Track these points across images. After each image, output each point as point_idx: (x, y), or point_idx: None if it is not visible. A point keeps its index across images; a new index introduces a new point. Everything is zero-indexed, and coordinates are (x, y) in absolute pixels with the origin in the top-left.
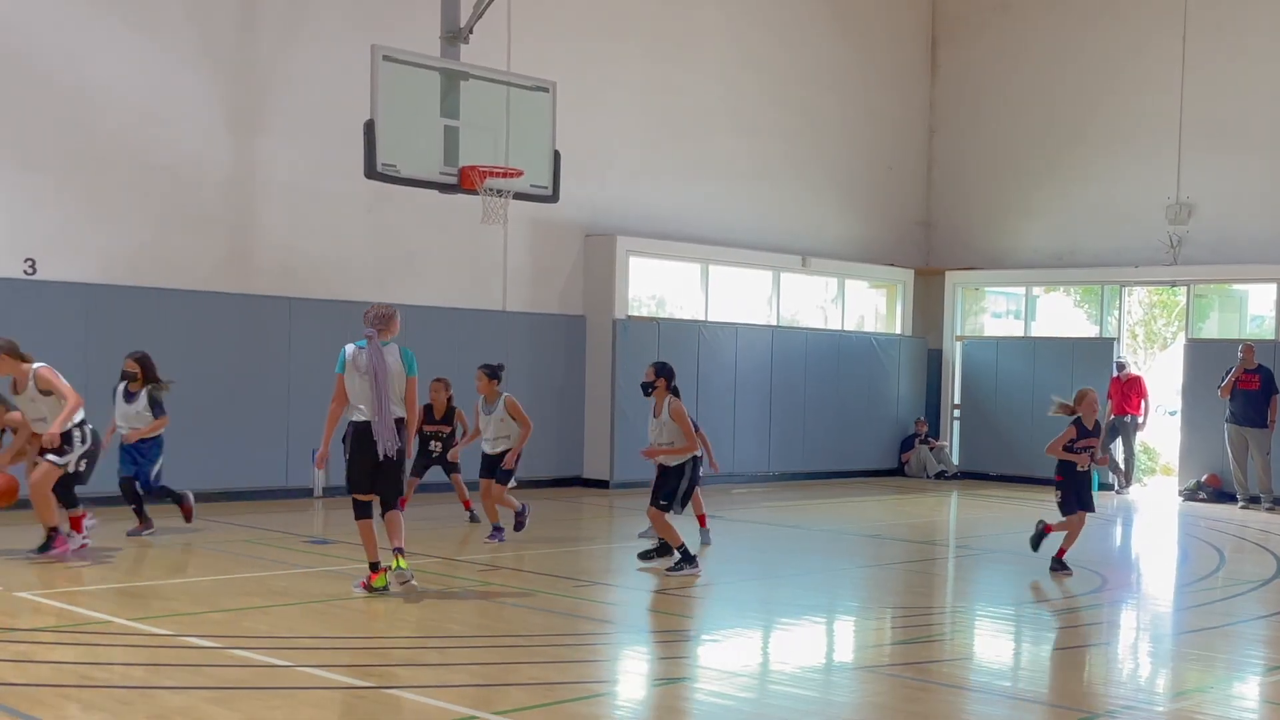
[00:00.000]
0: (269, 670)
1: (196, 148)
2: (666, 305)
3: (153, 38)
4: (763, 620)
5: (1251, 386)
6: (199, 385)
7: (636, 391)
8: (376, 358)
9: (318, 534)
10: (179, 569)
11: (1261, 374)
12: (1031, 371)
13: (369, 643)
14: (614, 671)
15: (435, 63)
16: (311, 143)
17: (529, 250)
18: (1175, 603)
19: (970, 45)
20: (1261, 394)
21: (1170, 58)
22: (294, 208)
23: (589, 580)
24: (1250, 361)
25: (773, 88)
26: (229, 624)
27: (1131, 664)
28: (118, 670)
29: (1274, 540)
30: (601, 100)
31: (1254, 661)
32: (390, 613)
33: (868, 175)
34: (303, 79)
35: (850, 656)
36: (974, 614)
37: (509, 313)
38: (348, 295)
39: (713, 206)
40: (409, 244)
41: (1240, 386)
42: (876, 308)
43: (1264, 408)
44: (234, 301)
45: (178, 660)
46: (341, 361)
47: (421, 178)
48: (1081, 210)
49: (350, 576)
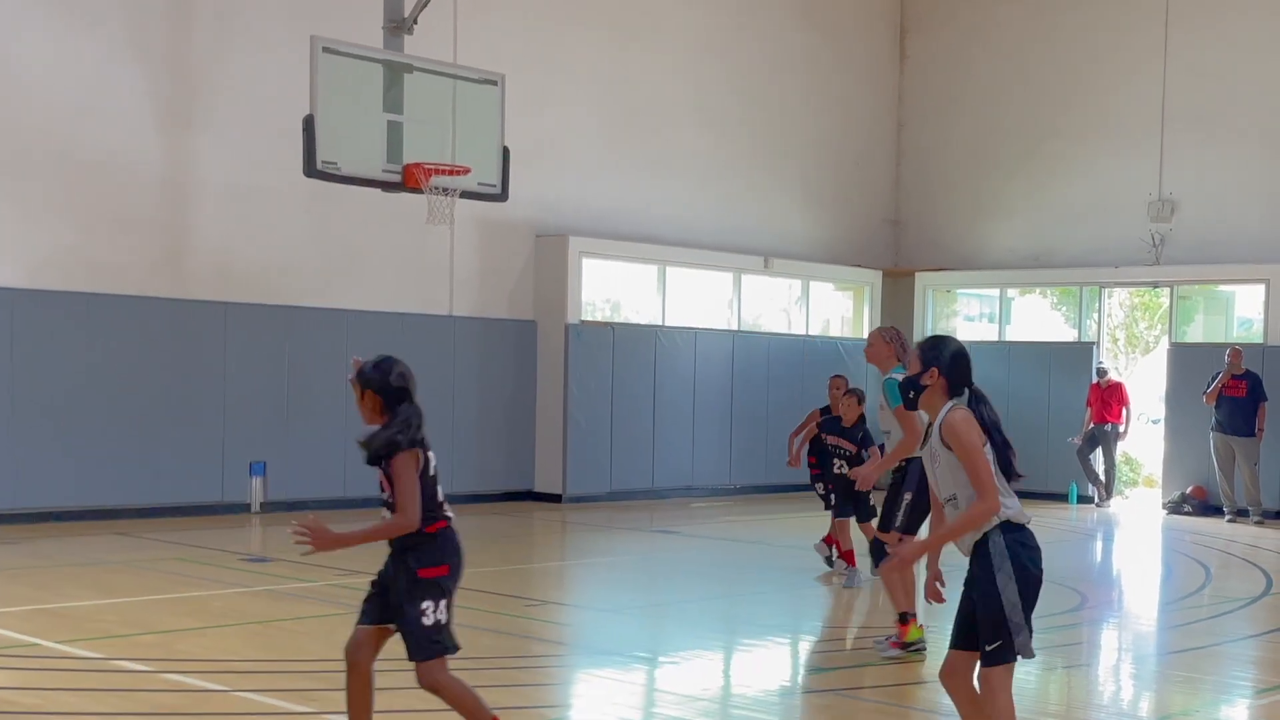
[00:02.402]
0: (205, 695)
1: (127, 144)
2: (622, 309)
3: (80, 28)
4: (723, 641)
5: (1238, 393)
6: (129, 395)
7: (590, 400)
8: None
9: (256, 552)
10: (109, 589)
11: (1249, 380)
12: (1006, 378)
13: (310, 666)
14: (568, 695)
15: (377, 54)
16: (248, 139)
17: (476, 252)
18: (1159, 621)
19: (941, 33)
20: (1249, 401)
21: (1152, 45)
22: (230, 208)
23: (541, 600)
24: (1238, 366)
25: (734, 78)
26: (163, 647)
27: (1113, 686)
28: (46, 696)
29: (1263, 556)
30: (553, 93)
31: (1242, 683)
32: (330, 635)
33: (833, 171)
34: (239, 72)
35: (816, 679)
36: (946, 634)
37: (456, 317)
38: (286, 300)
39: (670, 205)
40: (350, 246)
41: (1226, 393)
42: (843, 311)
43: (1251, 415)
44: (166, 307)
45: (109, 685)
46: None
47: (363, 176)
48: (1059, 207)
49: (291, 596)
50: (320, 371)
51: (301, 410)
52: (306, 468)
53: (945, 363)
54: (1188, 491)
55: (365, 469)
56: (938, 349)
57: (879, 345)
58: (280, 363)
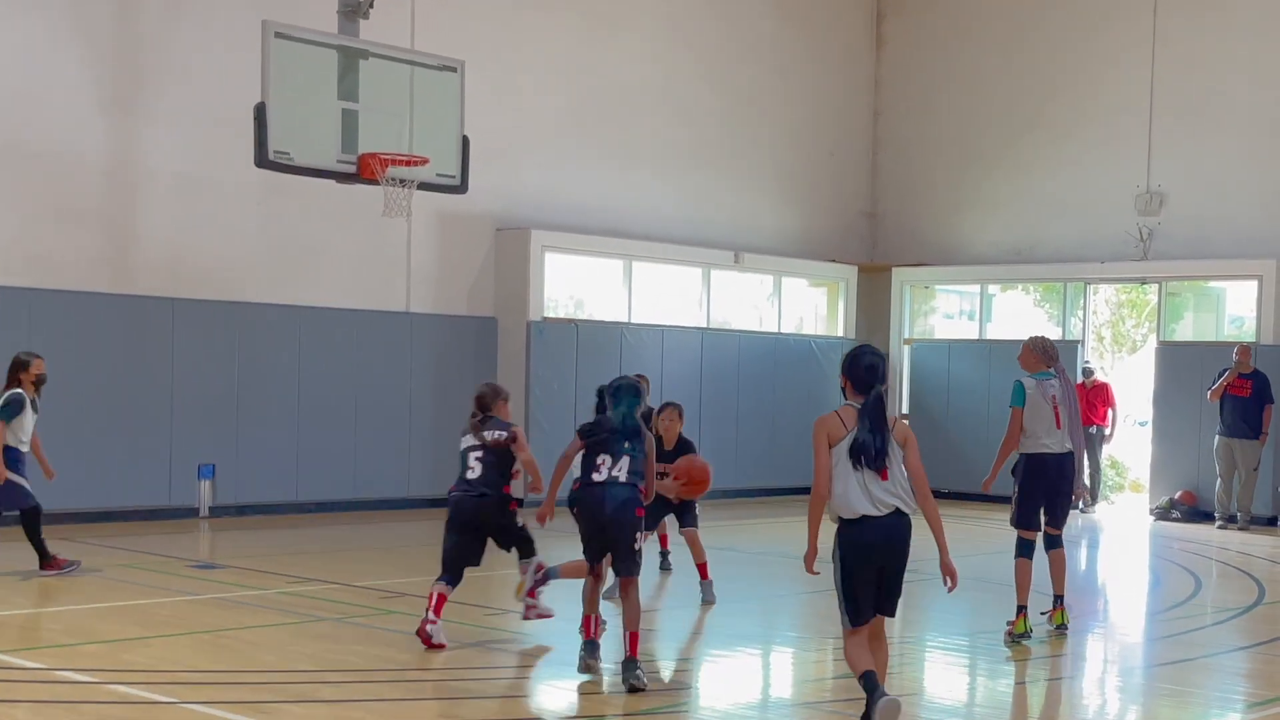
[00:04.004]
0: (151, 707)
1: (70, 134)
2: (586, 306)
3: (20, 9)
4: (691, 651)
5: (1243, 393)
6: (73, 395)
7: (552, 401)
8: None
9: (204, 558)
10: (52, 597)
11: (1256, 380)
12: (987, 378)
13: (260, 677)
14: (528, 708)
15: (332, 40)
16: (197, 128)
17: (435, 246)
18: (1146, 633)
19: (919, 16)
20: (1253, 401)
21: (1140, 31)
22: (178, 200)
23: (500, 608)
24: (1246, 365)
25: (703, 65)
26: (108, 657)
27: (1098, 700)
28: None
29: (1256, 564)
30: (515, 81)
31: (1233, 697)
32: (283, 645)
33: (807, 162)
34: (187, 57)
35: (789, 691)
36: (924, 645)
37: (413, 314)
38: (237, 296)
39: (637, 197)
40: (303, 240)
41: (1231, 391)
42: (816, 308)
43: (1254, 417)
44: (112, 303)
45: (52, 697)
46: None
47: (317, 166)
48: (1043, 200)
49: (241, 604)
50: (272, 371)
51: (252, 411)
52: (257, 471)
53: (844, 366)
54: (1176, 497)
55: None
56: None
57: (1025, 354)
58: (230, 362)
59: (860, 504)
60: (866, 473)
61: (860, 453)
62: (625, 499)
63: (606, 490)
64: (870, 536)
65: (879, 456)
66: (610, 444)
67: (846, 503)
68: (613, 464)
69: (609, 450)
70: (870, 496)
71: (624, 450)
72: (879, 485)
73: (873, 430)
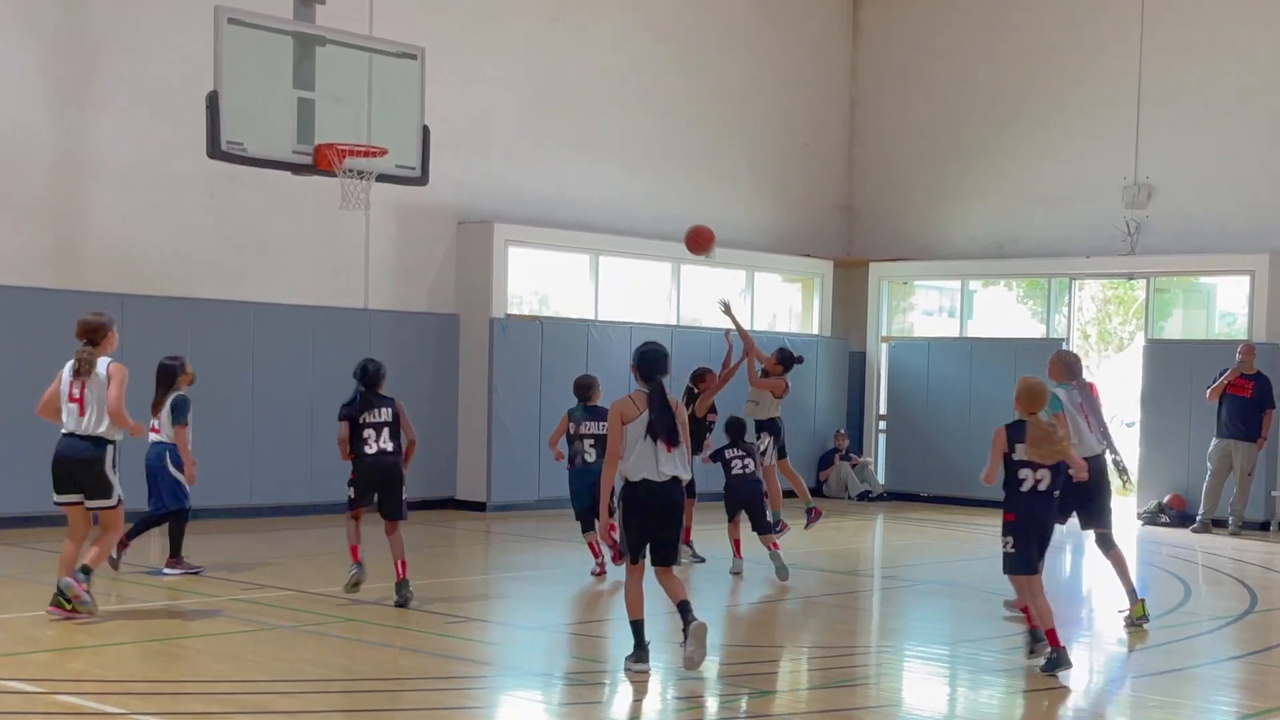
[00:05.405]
0: (100, 718)
1: (15, 122)
2: (551, 302)
3: None
4: (662, 661)
5: (1244, 393)
6: (18, 393)
7: (517, 401)
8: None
9: (155, 564)
10: None
11: (1258, 381)
12: (968, 377)
13: (212, 688)
14: (490, 719)
15: (287, 26)
16: (148, 118)
17: (394, 240)
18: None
19: (898, 3)
20: (1253, 403)
21: (1128, 16)
22: (128, 192)
23: (463, 616)
24: (1249, 365)
25: (673, 54)
26: (54, 666)
27: (1084, 711)
28: None
29: (1249, 571)
30: (478, 68)
31: (1223, 709)
32: (237, 654)
33: (781, 153)
34: (137, 44)
35: (764, 703)
36: (902, 654)
37: (371, 311)
38: (189, 292)
39: (604, 190)
40: (258, 233)
41: (1231, 391)
42: (791, 304)
43: (1254, 419)
44: (60, 298)
45: None
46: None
47: (272, 157)
48: (1026, 192)
49: (193, 612)
50: (225, 369)
51: (204, 411)
52: (209, 472)
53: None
54: (1165, 500)
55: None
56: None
57: (1052, 366)
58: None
59: (645, 470)
60: (657, 445)
61: (654, 432)
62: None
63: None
64: (648, 497)
65: (670, 433)
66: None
67: (635, 469)
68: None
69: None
70: (656, 465)
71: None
72: (664, 456)
73: (661, 412)
